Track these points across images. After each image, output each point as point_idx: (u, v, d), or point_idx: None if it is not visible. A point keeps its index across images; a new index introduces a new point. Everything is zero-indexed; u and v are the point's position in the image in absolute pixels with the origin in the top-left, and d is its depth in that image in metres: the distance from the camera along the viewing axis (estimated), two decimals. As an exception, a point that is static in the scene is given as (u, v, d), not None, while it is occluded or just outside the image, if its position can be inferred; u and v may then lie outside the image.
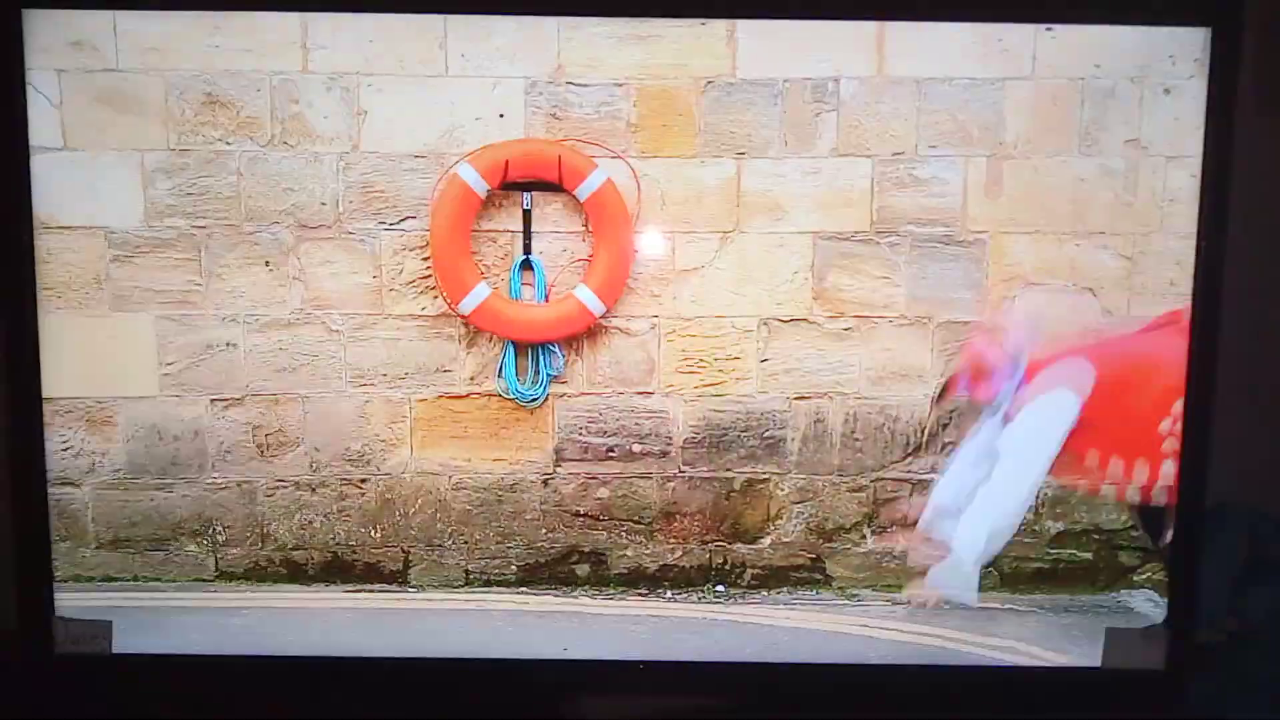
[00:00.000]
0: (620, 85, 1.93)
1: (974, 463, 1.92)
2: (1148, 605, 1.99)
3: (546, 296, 2.02)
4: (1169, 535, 1.78)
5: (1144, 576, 2.04)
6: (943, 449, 2.04)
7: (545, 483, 2.07)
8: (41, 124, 1.81)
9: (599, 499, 2.07)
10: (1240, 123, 1.73)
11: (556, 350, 2.04)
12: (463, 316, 2.01)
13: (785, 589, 2.08)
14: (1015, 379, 1.84)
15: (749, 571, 2.09)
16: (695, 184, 1.97)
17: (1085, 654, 1.87)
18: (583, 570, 2.08)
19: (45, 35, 1.78)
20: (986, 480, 1.86)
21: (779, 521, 2.08)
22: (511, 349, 2.04)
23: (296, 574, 2.06)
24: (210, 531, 2.04)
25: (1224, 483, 1.86)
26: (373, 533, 2.07)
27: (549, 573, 2.07)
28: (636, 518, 2.08)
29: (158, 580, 2.04)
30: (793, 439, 2.05)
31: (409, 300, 2.02)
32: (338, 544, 2.07)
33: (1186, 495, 1.84)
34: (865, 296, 1.99)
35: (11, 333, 1.79)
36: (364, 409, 2.03)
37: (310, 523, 2.06)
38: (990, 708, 1.88)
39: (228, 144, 1.92)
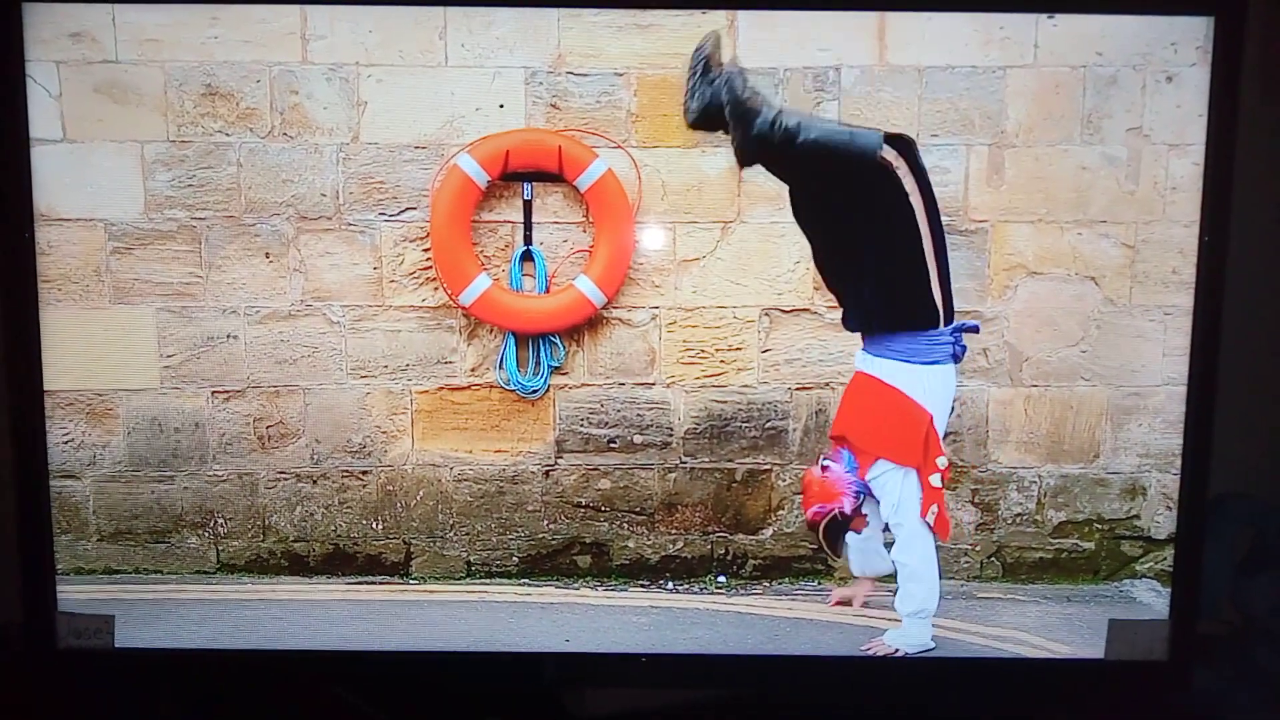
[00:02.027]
0: (620, 75, 1.92)
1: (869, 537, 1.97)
2: (1150, 595, 1.99)
3: (547, 287, 2.02)
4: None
5: (1147, 566, 2.03)
6: (943, 437, 2.04)
7: (547, 474, 2.06)
8: (41, 116, 1.81)
9: (600, 490, 2.07)
10: (1243, 111, 1.72)
11: (557, 341, 2.04)
12: (463, 308, 2.00)
13: (787, 580, 2.08)
14: (854, 474, 1.91)
15: (751, 562, 2.09)
16: (696, 174, 1.97)
17: (1088, 644, 1.86)
18: (584, 562, 2.08)
19: (44, 27, 1.78)
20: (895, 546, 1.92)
21: (781, 512, 2.08)
22: (512, 340, 2.03)
23: (298, 566, 2.06)
24: (211, 524, 2.04)
25: (1227, 473, 1.86)
26: (374, 525, 2.07)
27: (550, 564, 2.07)
28: (638, 509, 2.07)
29: (159, 572, 2.04)
30: (794, 430, 2.05)
31: (409, 291, 2.02)
32: (339, 536, 2.07)
33: (1189, 486, 1.83)
34: (867, 286, 1.99)
35: (12, 325, 1.79)
36: (365, 401, 2.03)
37: (311, 515, 2.06)
38: (993, 699, 1.88)
39: (227, 135, 1.92)
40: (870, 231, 1.86)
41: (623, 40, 1.90)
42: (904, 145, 1.81)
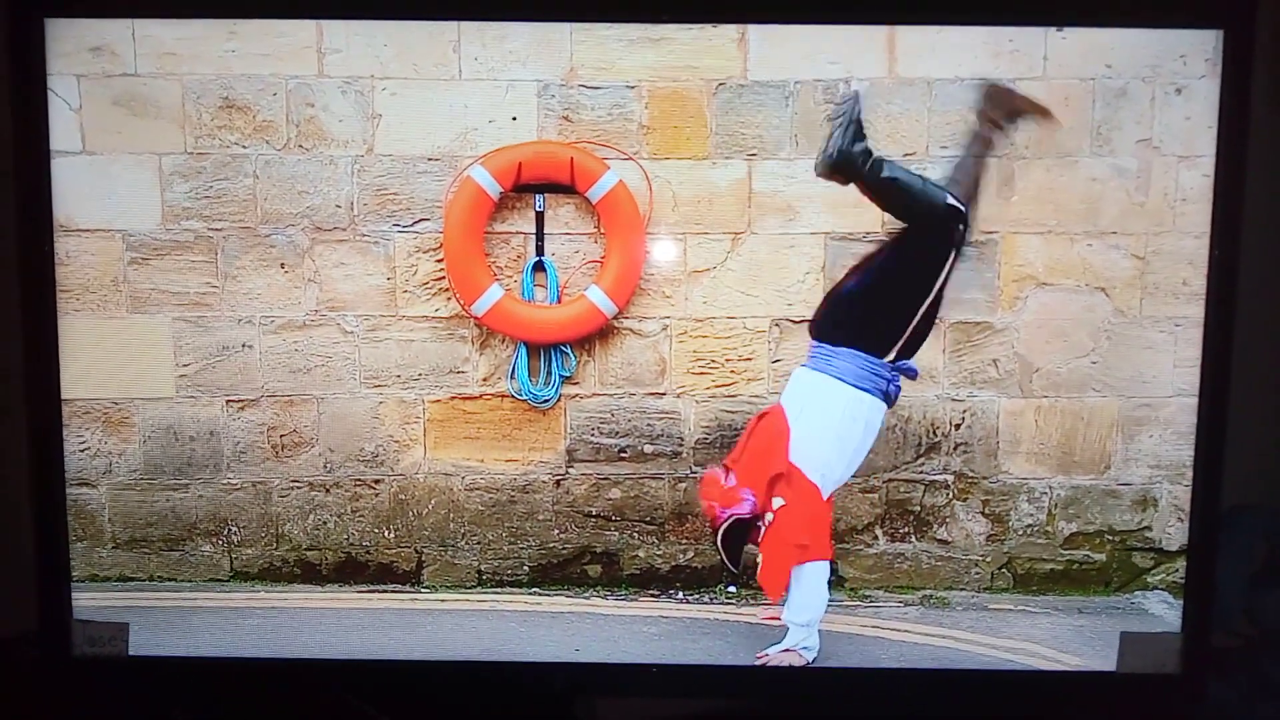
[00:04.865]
0: (632, 87, 1.94)
1: None
2: (1162, 607, 1.98)
3: (559, 298, 2.03)
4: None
5: (1159, 578, 2.03)
6: (955, 448, 2.04)
7: (557, 483, 2.07)
8: (61, 128, 1.84)
9: (611, 500, 2.07)
10: (1253, 122, 1.72)
11: (569, 351, 2.05)
12: (476, 318, 2.02)
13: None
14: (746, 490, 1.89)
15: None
16: (706, 185, 1.98)
17: (1099, 657, 1.86)
18: (595, 571, 2.08)
19: (65, 41, 1.80)
20: None
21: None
22: (524, 350, 2.05)
23: (310, 574, 2.07)
24: (225, 532, 2.05)
25: (1239, 485, 1.85)
26: (386, 533, 2.08)
27: (561, 573, 2.08)
28: (648, 518, 2.08)
29: (173, 580, 2.05)
30: (804, 440, 2.05)
31: (422, 302, 2.03)
32: (351, 544, 2.08)
33: (1201, 497, 1.82)
34: (877, 297, 1.99)
35: (31, 335, 1.80)
36: (378, 410, 2.04)
37: (324, 523, 2.07)
38: (1004, 711, 1.87)
39: (244, 147, 1.95)
40: (902, 266, 1.90)
41: (634, 53, 1.92)
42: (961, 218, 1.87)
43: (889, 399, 1.88)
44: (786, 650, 1.86)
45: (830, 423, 1.87)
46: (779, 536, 1.86)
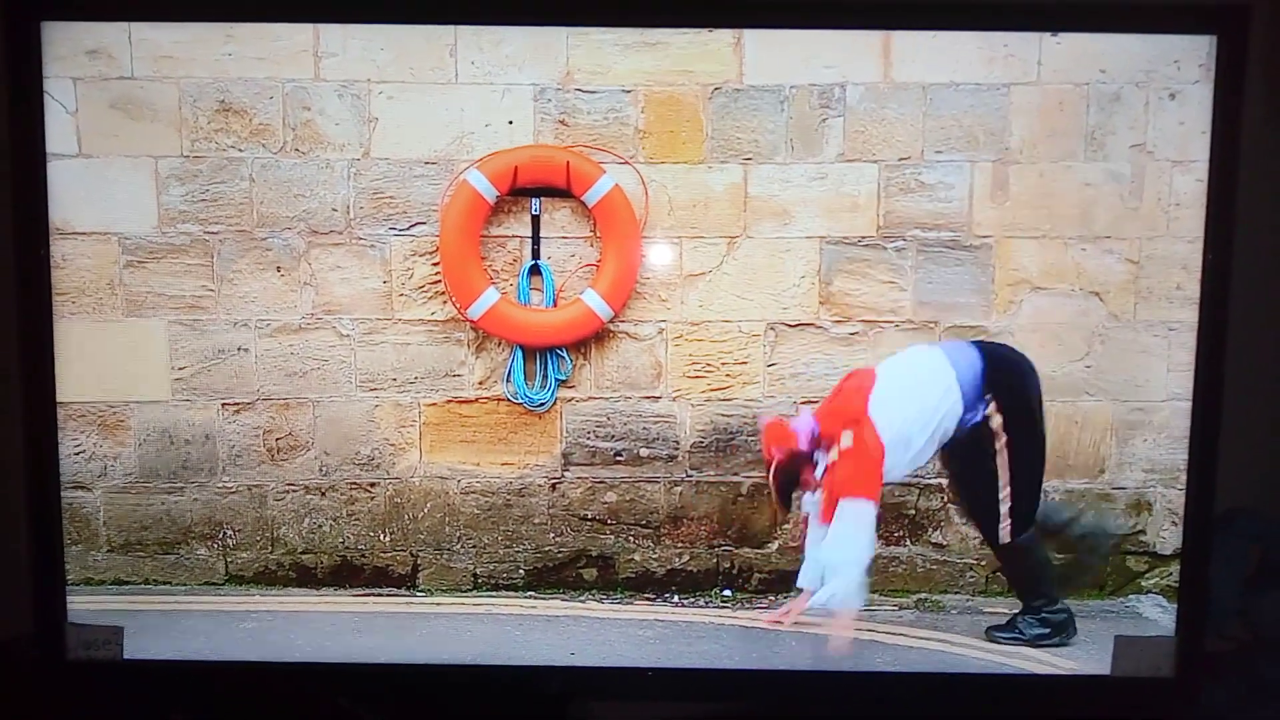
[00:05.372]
0: (628, 92, 1.95)
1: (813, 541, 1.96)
2: (1156, 611, 1.98)
3: (555, 301, 2.03)
4: None
5: (1153, 582, 2.03)
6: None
7: (553, 487, 2.07)
8: (57, 131, 1.83)
9: (606, 503, 2.07)
10: (1246, 128, 1.73)
11: (564, 355, 2.05)
12: (471, 321, 2.02)
13: (793, 594, 2.07)
14: (814, 439, 1.90)
15: (756, 576, 2.09)
16: (702, 189, 1.99)
17: (1094, 661, 1.86)
18: (590, 574, 2.08)
19: (62, 44, 1.81)
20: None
21: (786, 526, 2.08)
22: (520, 354, 2.05)
23: (306, 578, 2.07)
24: (220, 535, 2.05)
25: (1232, 489, 1.85)
26: (382, 537, 2.08)
27: (557, 577, 2.08)
28: (644, 522, 2.08)
29: (168, 583, 2.05)
30: (800, 443, 2.05)
31: (418, 305, 2.04)
32: (347, 548, 2.08)
33: (1195, 502, 1.83)
34: (872, 301, 2.00)
35: (26, 338, 1.80)
36: (373, 413, 2.04)
37: (319, 526, 2.07)
38: (1000, 714, 1.87)
39: (240, 151, 1.95)
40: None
41: (630, 58, 1.92)
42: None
43: (962, 423, 1.88)
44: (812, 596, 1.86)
45: (918, 391, 1.88)
46: (835, 474, 1.87)
